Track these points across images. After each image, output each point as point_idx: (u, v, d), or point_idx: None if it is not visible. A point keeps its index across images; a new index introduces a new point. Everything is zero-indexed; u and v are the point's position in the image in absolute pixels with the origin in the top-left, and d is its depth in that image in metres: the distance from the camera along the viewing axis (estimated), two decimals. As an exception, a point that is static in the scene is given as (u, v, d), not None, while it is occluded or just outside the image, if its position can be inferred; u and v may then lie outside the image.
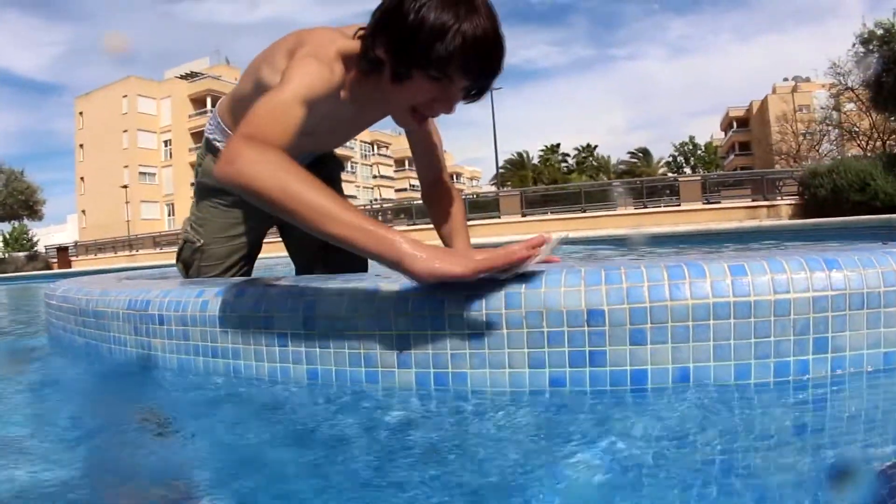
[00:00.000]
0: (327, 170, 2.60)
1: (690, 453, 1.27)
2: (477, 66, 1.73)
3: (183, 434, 1.64)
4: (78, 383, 2.27)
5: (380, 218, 31.00)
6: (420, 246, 1.43)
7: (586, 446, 1.28)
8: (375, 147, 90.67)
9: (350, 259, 2.45)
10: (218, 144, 2.42)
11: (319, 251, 2.67)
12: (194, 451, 1.51)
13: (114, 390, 2.12)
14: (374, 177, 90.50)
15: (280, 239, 2.83)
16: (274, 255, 4.15)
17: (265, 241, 2.69)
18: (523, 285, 1.55)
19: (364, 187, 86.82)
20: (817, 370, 1.56)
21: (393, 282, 1.66)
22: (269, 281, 1.95)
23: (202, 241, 2.52)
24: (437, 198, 2.46)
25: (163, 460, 1.43)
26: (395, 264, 1.44)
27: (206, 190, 2.53)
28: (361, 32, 1.82)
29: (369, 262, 2.66)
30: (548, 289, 1.54)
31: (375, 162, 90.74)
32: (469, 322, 1.56)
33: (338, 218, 1.42)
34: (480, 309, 1.56)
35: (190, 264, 2.56)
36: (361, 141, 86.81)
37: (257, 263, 2.73)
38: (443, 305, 1.57)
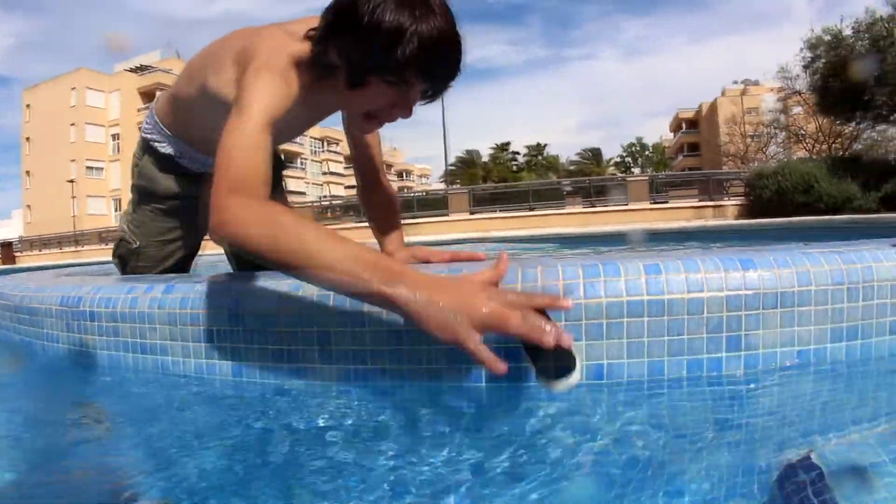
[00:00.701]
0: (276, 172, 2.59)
1: (600, 450, 1.30)
2: (435, 69, 1.68)
3: (113, 431, 1.65)
4: (9, 380, 2.27)
5: (328, 214, 30.68)
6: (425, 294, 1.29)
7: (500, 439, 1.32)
8: (325, 143, 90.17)
9: None
10: (156, 145, 2.38)
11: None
12: (124, 447, 1.51)
13: (45, 387, 2.12)
14: (324, 173, 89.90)
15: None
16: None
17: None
18: None
19: (313, 184, 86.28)
20: (731, 367, 1.60)
21: None
22: (198, 278, 1.95)
23: (138, 242, 2.50)
24: (373, 198, 2.47)
25: (95, 456, 1.44)
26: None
27: (143, 193, 2.50)
28: (312, 34, 1.73)
29: None
30: None
31: (325, 158, 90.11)
32: (387, 320, 1.59)
33: (334, 270, 1.33)
34: None
35: (126, 262, 2.55)
36: (311, 137, 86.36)
37: (204, 261, 2.73)
38: (362, 302, 1.59)
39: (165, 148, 2.36)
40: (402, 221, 2.52)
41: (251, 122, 1.54)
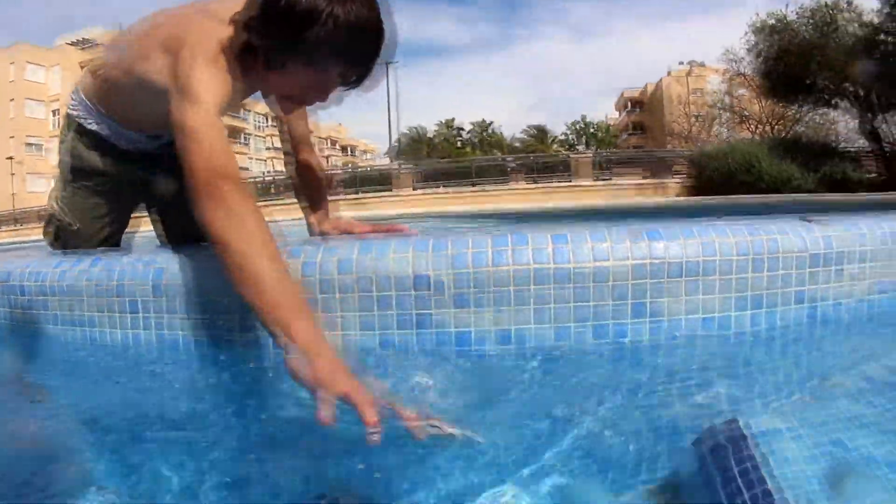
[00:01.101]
0: None
1: (503, 412, 1.36)
2: (351, 54, 1.67)
3: (46, 402, 1.68)
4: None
5: (272, 191, 30.34)
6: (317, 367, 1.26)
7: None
8: (269, 119, 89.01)
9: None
10: (83, 123, 2.35)
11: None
12: (63, 418, 1.56)
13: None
14: (268, 149, 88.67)
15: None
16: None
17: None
18: (356, 251, 1.64)
19: (257, 159, 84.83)
20: (637, 334, 1.67)
21: None
22: (123, 251, 1.98)
23: (68, 219, 2.48)
24: (300, 171, 2.49)
25: (29, 425, 1.49)
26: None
27: (72, 171, 2.47)
28: (236, 17, 1.72)
29: None
30: (379, 255, 1.63)
31: (269, 134, 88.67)
32: (306, 287, 1.63)
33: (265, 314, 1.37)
34: (314, 274, 1.64)
35: (58, 240, 2.55)
36: (255, 112, 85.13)
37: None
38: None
39: (93, 125, 2.34)
40: (348, 198, 2.54)
41: (206, 107, 1.58)
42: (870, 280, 1.86)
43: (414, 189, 29.31)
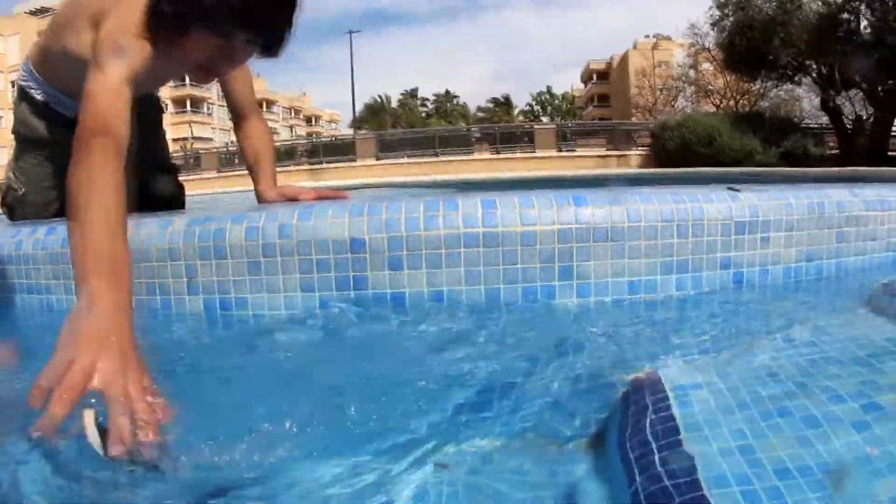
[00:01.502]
0: (147, 117, 2.65)
1: (439, 367, 1.43)
2: (254, 19, 1.64)
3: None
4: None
5: (235, 161, 29.76)
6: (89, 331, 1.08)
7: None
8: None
9: (166, 203, 2.60)
10: (31, 92, 2.44)
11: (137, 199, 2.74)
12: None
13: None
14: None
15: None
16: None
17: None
18: (295, 216, 1.72)
19: (221, 129, 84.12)
20: (564, 295, 1.76)
21: (184, 216, 1.80)
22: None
23: (23, 189, 2.56)
24: (242, 136, 2.53)
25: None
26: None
27: (23, 140, 2.57)
28: None
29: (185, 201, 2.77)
30: (316, 220, 1.71)
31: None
32: (248, 251, 1.73)
33: (83, 238, 1.29)
34: (257, 238, 1.72)
35: (14, 210, 2.62)
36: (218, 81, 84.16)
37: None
38: (224, 235, 1.74)
39: (39, 94, 2.41)
40: (311, 167, 2.56)
41: (111, 74, 1.60)
42: (797, 248, 1.96)
43: (378, 159, 29.25)
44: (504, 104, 65.77)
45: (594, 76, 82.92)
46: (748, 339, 1.56)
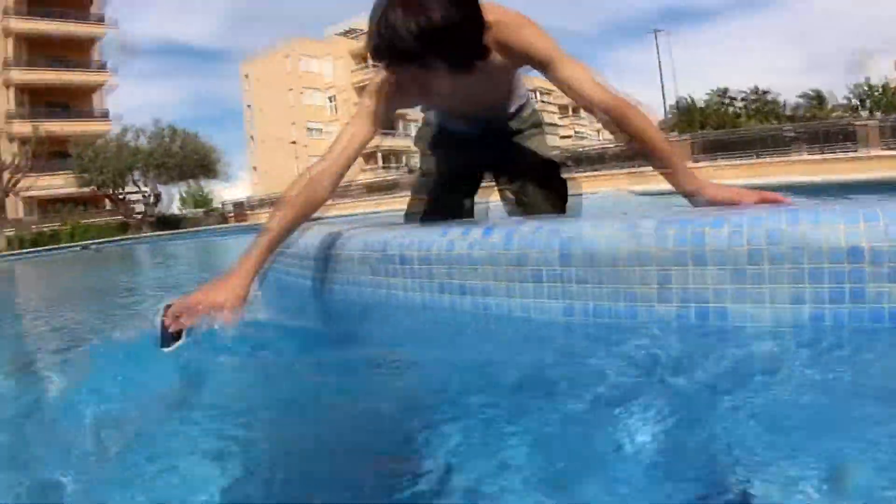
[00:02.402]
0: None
1: None
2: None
3: (413, 366, 1.76)
4: (308, 322, 2.42)
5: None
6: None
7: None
8: (538, 94, 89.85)
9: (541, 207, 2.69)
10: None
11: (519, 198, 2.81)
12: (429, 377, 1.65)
13: (355, 333, 2.22)
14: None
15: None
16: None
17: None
18: (784, 221, 1.60)
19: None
20: None
21: (652, 218, 1.74)
22: (522, 220, 2.00)
23: (424, 192, 2.84)
24: (624, 132, 2.16)
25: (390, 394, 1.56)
26: None
27: (428, 147, 2.91)
28: None
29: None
30: (807, 226, 1.59)
31: (538, 109, 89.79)
32: (731, 257, 1.63)
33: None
34: (741, 244, 1.61)
35: (416, 213, 2.78)
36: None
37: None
38: (703, 239, 1.64)
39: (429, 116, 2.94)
40: (632, 171, 2.49)
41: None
42: None
43: (695, 161, 28.39)
44: (817, 99, 62.09)
45: (922, 62, 77.06)
46: None
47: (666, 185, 2.06)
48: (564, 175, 2.79)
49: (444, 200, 2.79)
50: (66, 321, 3.62)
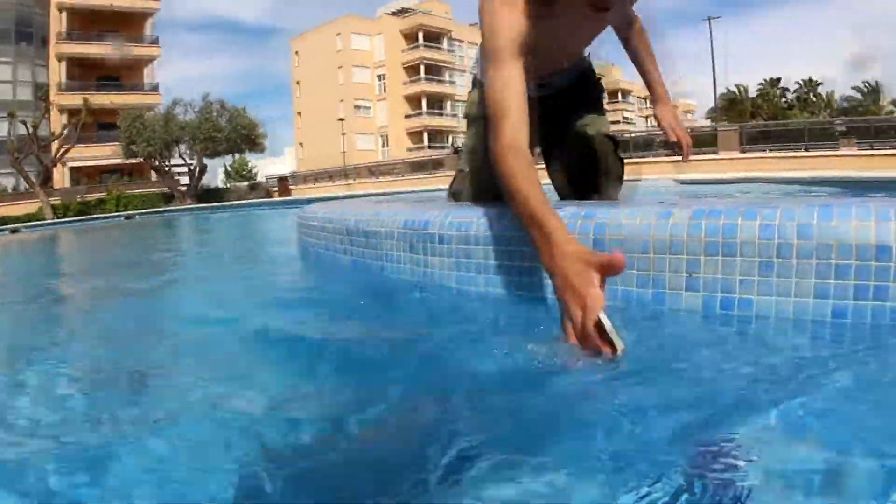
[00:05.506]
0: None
1: None
2: None
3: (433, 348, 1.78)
4: (348, 298, 2.47)
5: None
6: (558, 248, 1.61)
7: None
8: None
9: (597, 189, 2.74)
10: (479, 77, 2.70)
11: (571, 180, 2.86)
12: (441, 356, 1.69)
13: (376, 305, 2.30)
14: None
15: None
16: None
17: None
18: (816, 216, 1.63)
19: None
20: None
21: (686, 207, 1.79)
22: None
23: (469, 168, 2.72)
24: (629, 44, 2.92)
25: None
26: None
27: (473, 120, 2.72)
28: None
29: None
30: (839, 222, 1.62)
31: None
32: (760, 249, 1.67)
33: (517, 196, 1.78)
34: (772, 237, 1.65)
35: (460, 192, 2.78)
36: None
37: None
38: (735, 230, 1.69)
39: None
40: (669, 158, 2.64)
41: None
42: None
43: (742, 151, 27.94)
44: (870, 92, 60.52)
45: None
46: None
47: (708, 174, 2.17)
48: (621, 154, 2.82)
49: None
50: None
